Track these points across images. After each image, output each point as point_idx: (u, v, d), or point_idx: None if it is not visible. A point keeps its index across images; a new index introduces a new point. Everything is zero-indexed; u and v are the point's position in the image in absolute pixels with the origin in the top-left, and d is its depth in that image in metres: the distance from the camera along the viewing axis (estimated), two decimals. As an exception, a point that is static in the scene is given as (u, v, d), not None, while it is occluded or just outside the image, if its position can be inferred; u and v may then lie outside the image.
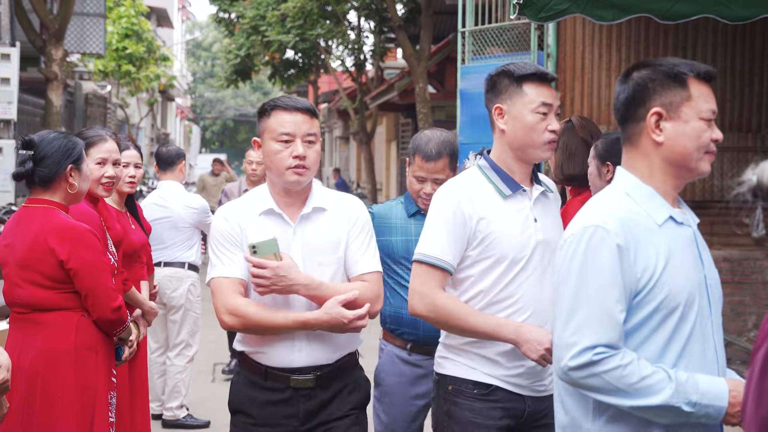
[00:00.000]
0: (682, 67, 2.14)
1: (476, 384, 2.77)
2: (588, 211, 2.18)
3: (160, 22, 36.11)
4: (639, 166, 2.18)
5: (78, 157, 3.34)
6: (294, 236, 2.79)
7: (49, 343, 3.21)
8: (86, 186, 3.41)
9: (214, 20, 23.60)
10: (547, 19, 4.16)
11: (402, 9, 15.89)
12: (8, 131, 11.91)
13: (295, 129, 2.76)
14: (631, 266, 2.08)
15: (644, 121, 2.14)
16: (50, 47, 12.64)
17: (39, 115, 14.81)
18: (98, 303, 3.28)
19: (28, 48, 13.28)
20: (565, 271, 2.14)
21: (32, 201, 3.32)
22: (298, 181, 2.77)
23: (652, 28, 6.71)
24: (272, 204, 2.82)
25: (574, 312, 2.10)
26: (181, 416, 5.99)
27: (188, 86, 55.87)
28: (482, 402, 2.77)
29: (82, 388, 3.24)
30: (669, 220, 2.15)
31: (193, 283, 6.02)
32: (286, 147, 2.75)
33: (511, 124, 2.71)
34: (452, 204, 2.74)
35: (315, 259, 2.78)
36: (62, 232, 3.23)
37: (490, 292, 2.74)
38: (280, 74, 20.47)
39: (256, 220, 2.81)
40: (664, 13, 4.23)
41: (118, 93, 26.92)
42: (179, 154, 6.10)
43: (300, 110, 2.78)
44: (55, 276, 3.23)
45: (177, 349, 6.00)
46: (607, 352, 2.06)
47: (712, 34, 6.85)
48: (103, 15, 18.15)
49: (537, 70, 2.74)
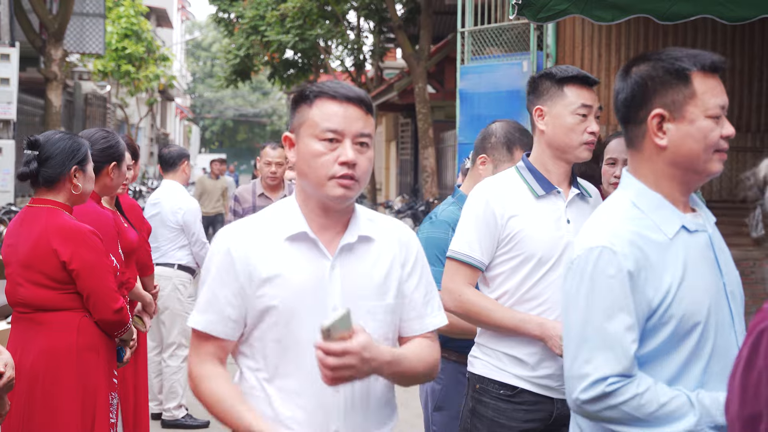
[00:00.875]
0: (685, 61, 1.94)
1: (502, 385, 2.79)
2: (594, 229, 2.03)
3: (159, 22, 36.11)
4: (644, 171, 2.01)
5: (83, 158, 3.34)
6: (332, 273, 2.07)
7: (50, 343, 3.21)
8: (90, 187, 3.41)
9: (213, 20, 23.59)
10: (547, 19, 4.16)
11: (401, 9, 15.89)
12: (8, 131, 11.91)
13: (345, 125, 2.06)
14: (642, 288, 1.93)
15: (645, 124, 1.97)
16: (50, 47, 12.64)
17: (38, 115, 14.80)
18: (100, 304, 3.28)
19: (27, 48, 13.28)
20: (572, 296, 2.00)
21: (36, 201, 3.33)
22: (344, 196, 2.05)
23: (651, 28, 6.70)
24: (304, 225, 2.09)
25: (583, 341, 1.96)
26: (180, 416, 5.99)
27: (188, 86, 55.89)
28: (507, 403, 2.79)
29: (84, 389, 3.23)
30: (681, 231, 1.99)
31: (182, 283, 6.01)
32: (331, 149, 2.05)
33: (551, 125, 2.76)
34: (482, 202, 2.79)
35: (361, 305, 2.07)
36: (65, 232, 3.23)
37: (518, 290, 2.77)
38: (280, 74, 20.46)
39: (280, 249, 2.07)
40: (663, 14, 4.23)
41: (118, 93, 26.91)
42: (181, 154, 6.11)
43: (353, 101, 2.07)
44: (58, 276, 3.23)
45: (170, 350, 6.01)
46: (621, 382, 1.92)
47: (711, 35, 6.85)
48: (103, 15, 18.14)
49: (579, 73, 2.77)
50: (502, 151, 3.34)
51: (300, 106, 2.12)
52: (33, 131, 15.19)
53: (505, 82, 7.00)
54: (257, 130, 60.89)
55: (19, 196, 12.79)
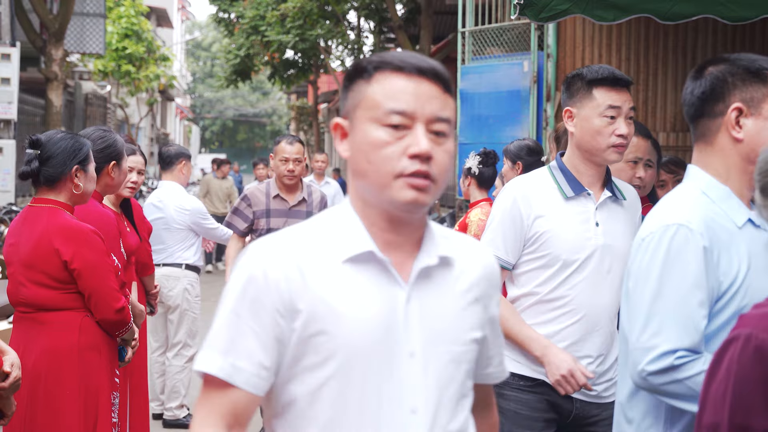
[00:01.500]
0: (763, 62, 2.06)
1: (522, 377, 2.79)
2: (666, 209, 2.08)
3: (159, 22, 36.11)
4: (715, 165, 2.08)
5: (84, 158, 3.34)
6: (407, 306, 1.57)
7: (52, 342, 3.21)
8: (92, 187, 3.41)
9: (213, 20, 23.60)
10: (548, 19, 4.16)
11: (402, 9, 15.89)
12: (8, 131, 11.92)
13: (416, 106, 1.54)
14: (715, 269, 1.98)
15: (723, 117, 2.05)
16: (50, 47, 12.64)
17: (39, 115, 14.80)
18: (101, 303, 3.28)
19: (28, 48, 13.28)
20: (644, 271, 2.03)
21: (37, 201, 3.33)
22: (416, 201, 1.53)
23: (651, 28, 6.71)
24: (368, 243, 1.57)
25: (653, 314, 1.99)
26: (182, 416, 5.99)
27: (188, 86, 55.88)
28: (528, 394, 2.79)
29: (86, 389, 3.23)
30: (748, 223, 2.05)
31: (191, 283, 6.02)
32: (398, 137, 1.54)
33: (579, 126, 2.72)
34: (509, 202, 2.77)
35: (444, 350, 1.59)
36: (66, 232, 3.23)
37: (541, 290, 2.76)
38: (280, 74, 20.47)
39: (337, 274, 1.56)
40: (664, 14, 4.23)
41: (118, 93, 26.91)
42: (179, 153, 6.07)
43: (426, 75, 1.56)
44: (59, 276, 3.23)
45: (175, 349, 6.01)
46: (689, 356, 1.95)
47: (711, 35, 6.85)
48: (103, 15, 18.15)
49: (609, 74, 2.71)
50: None
51: (355, 82, 1.60)
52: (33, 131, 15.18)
53: (505, 82, 7.01)
54: (257, 130, 60.91)
55: (19, 195, 12.80)
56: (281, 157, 5.20)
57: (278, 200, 5.25)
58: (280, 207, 5.26)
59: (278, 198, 5.26)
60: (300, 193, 5.28)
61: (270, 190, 5.27)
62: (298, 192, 5.28)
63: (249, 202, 5.26)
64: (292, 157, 5.19)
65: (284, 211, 5.26)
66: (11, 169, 11.76)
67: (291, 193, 5.27)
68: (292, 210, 5.25)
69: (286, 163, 5.19)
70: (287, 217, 5.22)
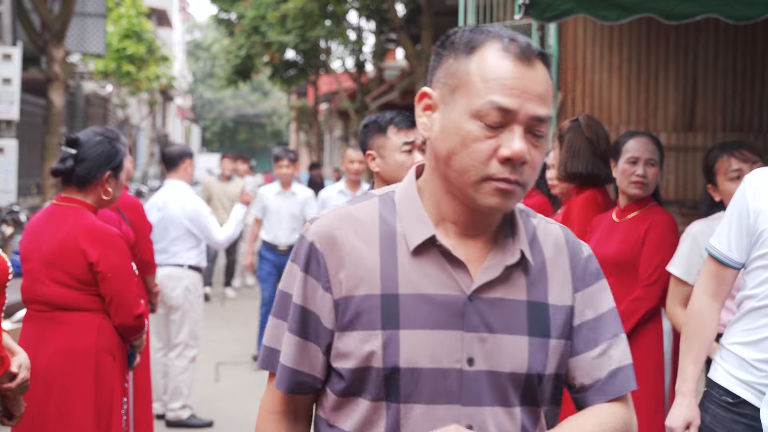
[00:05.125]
0: None
1: (726, 391, 2.53)
2: None
3: (160, 22, 36.10)
4: None
5: (118, 164, 3.34)
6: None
7: (69, 343, 3.17)
8: (119, 194, 3.40)
9: (214, 20, 23.61)
10: (552, 19, 4.16)
11: (403, 9, 15.89)
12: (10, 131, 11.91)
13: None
14: None
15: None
16: (51, 47, 12.64)
17: (40, 116, 14.80)
18: (122, 308, 3.25)
19: (29, 48, 13.28)
20: None
21: (64, 199, 3.30)
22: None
23: (653, 28, 6.71)
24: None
25: None
26: (185, 416, 6.00)
27: (188, 86, 55.85)
28: (726, 411, 2.53)
29: (99, 391, 3.20)
30: None
31: (193, 283, 6.02)
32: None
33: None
34: (740, 192, 2.49)
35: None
36: (94, 233, 3.21)
37: (756, 296, 2.47)
38: (281, 74, 20.49)
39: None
40: (668, 13, 4.23)
41: (119, 93, 26.92)
42: (182, 153, 6.09)
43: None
44: (83, 277, 3.20)
45: (177, 349, 6.01)
46: None
47: (713, 35, 6.86)
48: (104, 15, 18.13)
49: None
50: None
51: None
52: (35, 131, 15.20)
53: (507, 82, 7.00)
54: (257, 130, 60.86)
55: (20, 196, 12.80)
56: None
57: None
58: None
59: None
60: None
61: None
62: None
63: None
64: None
65: None
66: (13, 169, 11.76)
67: None
68: None
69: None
70: None
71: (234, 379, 7.36)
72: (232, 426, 6.08)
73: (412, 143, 3.09)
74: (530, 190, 4.21)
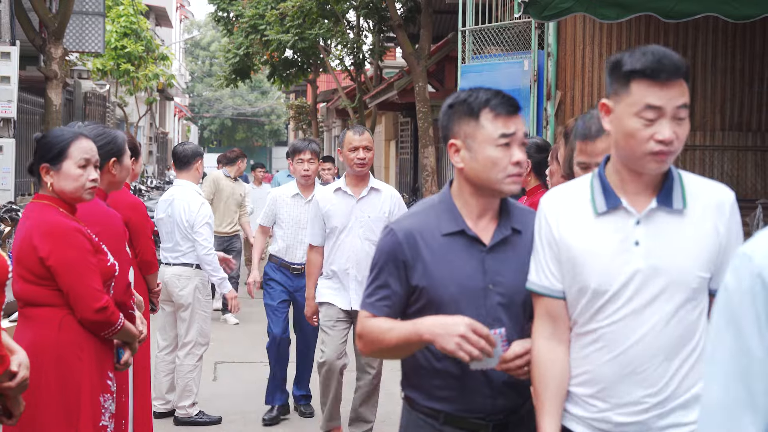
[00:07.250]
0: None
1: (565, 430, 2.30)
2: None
3: (158, 21, 36.08)
4: None
5: (56, 155, 3.27)
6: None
7: (33, 337, 3.17)
8: (69, 186, 3.28)
9: (212, 19, 23.59)
10: (551, 17, 4.17)
11: (401, 8, 15.88)
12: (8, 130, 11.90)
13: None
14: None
15: None
16: (50, 46, 12.62)
17: (38, 114, 14.79)
18: (80, 302, 3.22)
19: (27, 47, 13.27)
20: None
21: (36, 196, 3.33)
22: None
23: (652, 27, 6.71)
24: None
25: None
26: (194, 413, 6.04)
27: (186, 85, 55.83)
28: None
29: (63, 387, 3.16)
30: None
31: (202, 282, 6.03)
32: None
33: None
34: (538, 220, 2.34)
35: None
36: (45, 228, 3.20)
37: (576, 323, 2.28)
38: (279, 73, 20.47)
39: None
40: (667, 12, 4.23)
41: (117, 92, 26.89)
42: (196, 153, 6.11)
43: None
44: (37, 272, 3.20)
45: (186, 348, 6.02)
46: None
47: (712, 34, 6.86)
48: (102, 14, 18.12)
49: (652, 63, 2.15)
50: None
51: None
52: (33, 130, 15.18)
53: (505, 81, 7.01)
54: (255, 129, 60.84)
55: (19, 194, 12.79)
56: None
57: None
58: None
59: None
60: None
61: None
62: None
63: None
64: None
65: None
66: (11, 168, 11.76)
67: None
68: None
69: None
70: None
71: (232, 377, 7.36)
72: (230, 425, 6.08)
73: (511, 135, 2.38)
74: (535, 187, 4.21)
